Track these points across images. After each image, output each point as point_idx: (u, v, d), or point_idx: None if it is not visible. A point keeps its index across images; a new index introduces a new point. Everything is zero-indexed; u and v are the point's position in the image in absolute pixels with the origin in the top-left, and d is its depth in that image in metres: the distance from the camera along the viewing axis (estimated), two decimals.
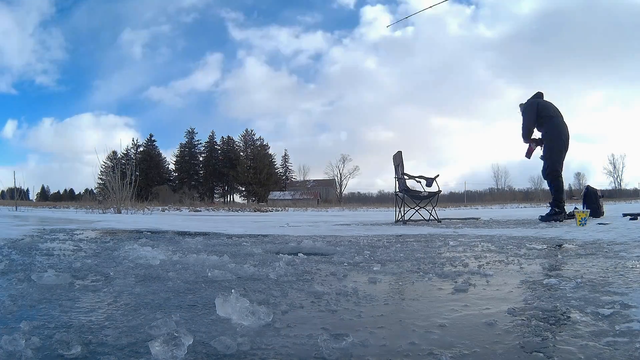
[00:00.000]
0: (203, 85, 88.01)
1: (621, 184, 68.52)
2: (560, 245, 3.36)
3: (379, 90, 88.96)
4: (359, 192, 78.19)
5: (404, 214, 8.30)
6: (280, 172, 78.58)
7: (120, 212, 15.13)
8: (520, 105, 7.39)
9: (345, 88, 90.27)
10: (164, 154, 73.73)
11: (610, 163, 69.21)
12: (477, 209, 27.00)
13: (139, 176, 17.97)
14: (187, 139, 74.20)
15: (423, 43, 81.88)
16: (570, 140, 7.08)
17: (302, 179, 77.58)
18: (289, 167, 79.40)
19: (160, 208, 23.95)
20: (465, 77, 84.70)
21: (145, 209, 19.37)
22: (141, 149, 71.72)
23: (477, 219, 9.22)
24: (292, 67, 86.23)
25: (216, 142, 74.80)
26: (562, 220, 6.61)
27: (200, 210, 23.78)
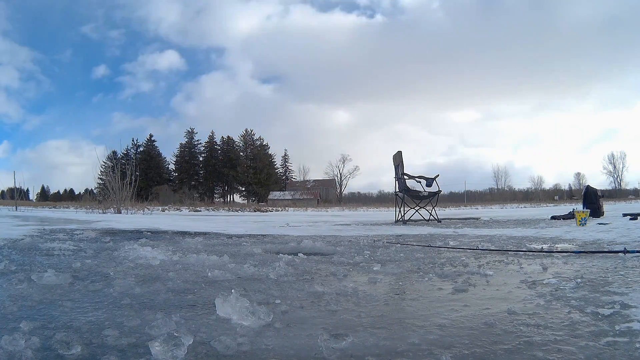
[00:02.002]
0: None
1: (621, 184, 68.53)
2: (560, 245, 3.35)
3: None
4: (359, 192, 78.15)
5: (404, 214, 8.30)
6: (280, 172, 78.53)
7: (120, 212, 15.12)
8: None
9: None
10: (164, 154, 73.77)
11: (610, 163, 69.18)
12: (477, 209, 26.98)
13: (139, 176, 17.94)
14: (187, 139, 74.23)
15: None
16: None
17: (302, 179, 77.57)
18: (289, 167, 79.39)
19: (160, 208, 23.95)
20: None
21: (145, 209, 19.37)
22: (141, 149, 71.71)
23: (477, 219, 9.23)
24: None
25: (216, 142, 74.79)
26: None
27: (200, 210, 23.78)
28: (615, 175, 68.97)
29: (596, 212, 7.50)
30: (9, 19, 60.44)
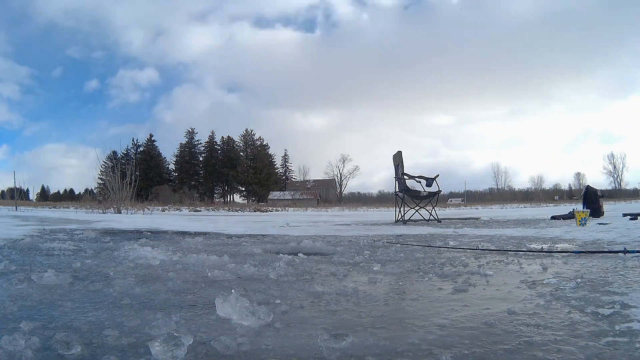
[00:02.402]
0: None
1: (621, 184, 68.50)
2: (560, 245, 3.35)
3: None
4: (359, 192, 78.23)
5: (404, 214, 8.30)
6: (280, 172, 78.52)
7: (120, 212, 15.12)
8: None
9: None
10: (164, 154, 73.86)
11: (610, 163, 69.16)
12: (477, 209, 26.98)
13: (139, 176, 17.95)
14: (187, 139, 74.19)
15: None
16: None
17: (302, 179, 77.55)
18: (289, 167, 79.39)
19: (160, 208, 23.94)
20: None
21: (145, 209, 19.37)
22: (141, 148, 71.69)
23: (477, 218, 9.22)
24: None
25: (216, 142, 74.77)
26: None
27: (200, 210, 23.77)
28: (615, 175, 69.00)
29: (596, 212, 7.50)
30: (9, 43, 71.28)
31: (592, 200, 7.78)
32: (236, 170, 70.81)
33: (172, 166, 74.44)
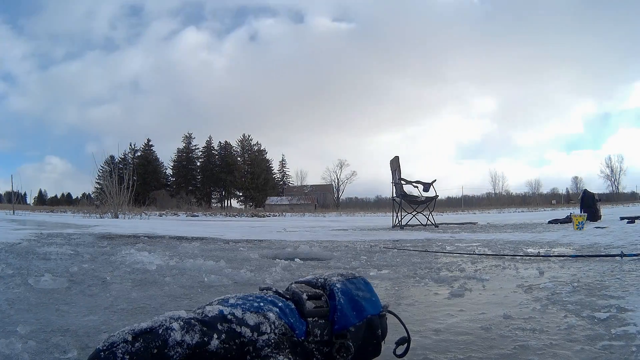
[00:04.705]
0: None
1: (618, 187, 68.61)
2: (556, 250, 3.36)
3: None
4: (356, 197, 78.10)
5: (402, 219, 8.31)
6: (278, 177, 78.49)
7: (117, 217, 15.08)
8: None
9: None
10: (161, 159, 73.79)
11: (608, 167, 69.32)
12: (474, 213, 26.99)
13: (137, 181, 17.89)
14: (184, 144, 74.15)
15: None
16: None
17: (299, 184, 77.47)
18: (287, 172, 79.37)
19: (157, 213, 23.90)
20: None
21: (143, 213, 19.29)
22: (139, 153, 71.59)
23: (474, 223, 9.23)
24: None
25: (213, 147, 74.74)
26: None
27: (197, 215, 23.71)
28: (613, 179, 69.14)
29: (593, 215, 7.52)
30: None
31: (589, 204, 7.80)
32: (233, 175, 70.77)
33: (169, 171, 74.42)
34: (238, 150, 75.46)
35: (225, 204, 71.76)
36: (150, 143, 72.79)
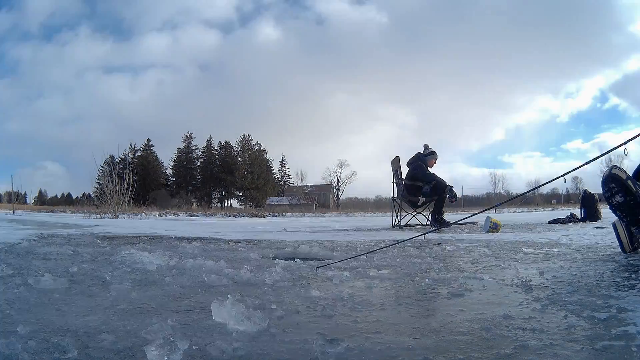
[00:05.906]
0: None
1: None
2: (556, 250, 3.36)
3: None
4: (356, 197, 78.11)
5: (401, 219, 8.31)
6: (278, 177, 78.54)
7: (117, 217, 15.10)
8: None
9: None
10: (161, 159, 73.78)
11: (607, 167, 69.08)
12: (474, 213, 26.93)
13: (137, 181, 17.89)
14: (184, 144, 74.19)
15: None
16: None
17: (299, 184, 77.45)
18: (287, 172, 79.43)
19: (157, 213, 23.91)
20: None
21: (143, 213, 19.31)
22: (139, 153, 71.62)
23: (474, 224, 9.22)
24: None
25: (214, 147, 74.79)
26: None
27: (197, 215, 23.74)
28: None
29: (594, 216, 7.53)
30: None
31: (589, 204, 7.81)
32: (233, 175, 70.79)
33: (169, 171, 74.45)
34: (238, 150, 75.49)
35: (225, 204, 71.82)
36: (150, 143, 72.85)
